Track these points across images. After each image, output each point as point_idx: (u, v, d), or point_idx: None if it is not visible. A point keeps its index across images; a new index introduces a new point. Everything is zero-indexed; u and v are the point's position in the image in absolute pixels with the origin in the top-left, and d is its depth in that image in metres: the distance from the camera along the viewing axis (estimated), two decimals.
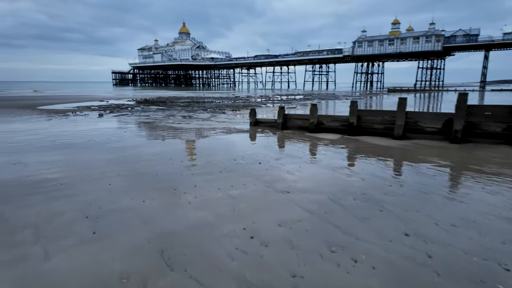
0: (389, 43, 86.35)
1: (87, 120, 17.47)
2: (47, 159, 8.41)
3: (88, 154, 9.04)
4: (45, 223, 4.54)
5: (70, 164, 7.86)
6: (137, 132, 13.22)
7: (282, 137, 11.99)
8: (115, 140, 11.09)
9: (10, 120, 17.51)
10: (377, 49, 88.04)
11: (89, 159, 8.49)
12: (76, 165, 7.73)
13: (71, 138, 11.53)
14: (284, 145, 10.66)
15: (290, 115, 13.46)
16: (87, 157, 8.67)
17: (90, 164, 7.92)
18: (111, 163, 7.98)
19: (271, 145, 10.51)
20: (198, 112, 22.56)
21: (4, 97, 42.18)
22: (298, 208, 5.00)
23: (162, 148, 9.87)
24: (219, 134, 12.81)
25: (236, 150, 9.66)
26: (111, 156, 8.78)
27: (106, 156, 8.83)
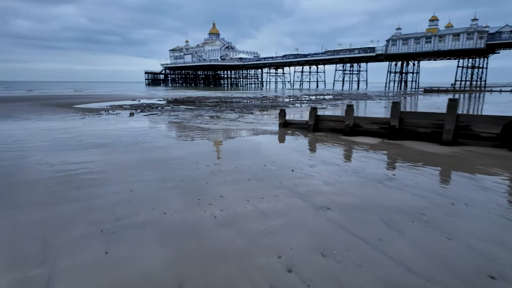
0: (426, 41, 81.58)
1: (118, 119, 17.58)
2: (72, 159, 8.20)
3: (113, 156, 8.76)
4: (54, 235, 4.08)
5: (94, 166, 7.55)
6: (165, 132, 12.91)
7: (315, 140, 11.12)
8: (142, 141, 10.82)
9: (48, 118, 18.07)
10: (413, 48, 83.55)
11: (114, 160, 8.18)
12: (99, 168, 7.39)
13: (99, 138, 11.41)
14: (317, 150, 9.81)
15: (323, 116, 12.53)
16: (112, 159, 8.36)
17: (114, 166, 7.58)
18: (135, 166, 7.64)
19: (303, 149, 9.70)
20: (225, 112, 22.15)
21: (47, 96, 44.60)
22: (343, 232, 4.16)
23: (188, 150, 9.44)
24: (246, 135, 12.19)
25: (266, 154, 8.96)
26: (137, 158, 8.46)
27: (132, 157, 8.52)
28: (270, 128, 13.87)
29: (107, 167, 7.52)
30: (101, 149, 9.47)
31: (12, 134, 12.18)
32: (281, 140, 11.36)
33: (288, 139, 11.51)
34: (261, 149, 9.63)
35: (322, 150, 9.62)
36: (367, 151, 9.38)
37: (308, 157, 8.63)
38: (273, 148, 9.95)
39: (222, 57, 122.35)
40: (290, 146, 10.18)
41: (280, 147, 10.11)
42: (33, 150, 9.41)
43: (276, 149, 9.81)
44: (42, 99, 38.25)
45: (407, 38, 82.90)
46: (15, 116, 19.08)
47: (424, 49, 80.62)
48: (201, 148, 9.75)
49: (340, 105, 29.00)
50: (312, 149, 9.81)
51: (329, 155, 8.93)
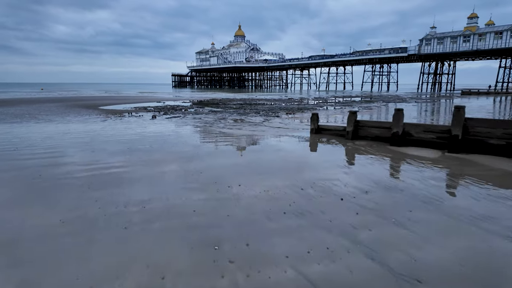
0: (464, 40, 76.43)
1: (139, 122, 16.85)
2: (72, 168, 7.25)
3: (115, 169, 7.44)
4: None
5: (90, 181, 6.47)
6: (183, 139, 11.58)
7: (357, 151, 9.48)
8: (156, 149, 9.61)
9: (70, 120, 17.71)
10: (449, 47, 78.59)
11: (112, 180, 6.73)
12: (97, 185, 6.30)
13: (112, 144, 10.42)
14: (365, 165, 7.99)
15: (364, 122, 10.80)
16: (110, 179, 6.80)
17: (112, 190, 6.19)
18: (137, 189, 5.99)
19: (346, 164, 8.07)
20: (250, 115, 20.89)
21: (76, 98, 45.73)
22: None
23: (207, 163, 8.00)
24: (274, 143, 10.75)
25: (301, 170, 7.40)
26: (142, 175, 6.88)
27: (136, 175, 6.91)
28: (301, 135, 12.33)
29: (102, 185, 6.39)
30: (106, 159, 8.29)
31: (26, 138, 11.54)
32: (316, 150, 9.86)
33: (325, 149, 9.94)
34: (294, 163, 8.06)
35: (372, 166, 7.86)
36: (432, 169, 7.44)
37: (357, 176, 6.94)
38: (309, 161, 8.38)
39: (247, 59, 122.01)
40: (330, 160, 8.53)
41: (318, 161, 8.49)
42: (32, 159, 8.39)
43: (313, 163, 8.21)
44: (71, 100, 39.08)
45: (443, 37, 78.08)
46: (38, 117, 18.92)
47: (461, 49, 75.52)
48: (222, 161, 8.21)
49: (373, 108, 26.84)
50: (358, 164, 8.09)
51: (383, 174, 7.21)
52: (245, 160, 8.52)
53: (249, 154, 9.28)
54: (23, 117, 18.96)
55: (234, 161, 8.34)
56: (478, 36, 72.95)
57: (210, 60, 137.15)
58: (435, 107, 28.73)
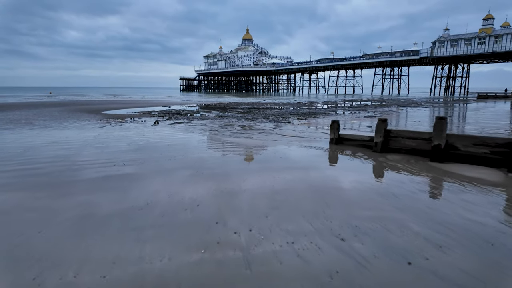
0: (479, 42, 74.07)
1: (139, 129, 15.60)
2: (27, 200, 5.86)
3: (84, 196, 5.84)
4: None
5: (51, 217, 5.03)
6: (183, 152, 9.84)
7: (395, 169, 7.73)
8: (147, 167, 7.68)
9: (66, 126, 16.57)
10: (463, 49, 76.25)
11: (87, 201, 5.51)
12: (55, 232, 4.89)
13: (97, 158, 8.82)
14: (418, 193, 6.05)
15: (396, 132, 9.12)
16: (84, 200, 5.62)
17: (84, 218, 4.94)
18: (113, 225, 4.56)
19: (391, 191, 6.10)
20: (259, 121, 19.46)
21: (82, 102, 45.10)
22: None
23: (207, 189, 6.17)
24: (290, 158, 9.03)
25: (331, 201, 5.54)
26: (118, 209, 5.19)
27: (110, 206, 5.31)
28: (319, 145, 10.73)
29: (76, 212, 5.00)
30: (75, 188, 6.43)
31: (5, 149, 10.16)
32: (342, 167, 8.06)
33: (352, 166, 8.19)
34: (319, 188, 6.22)
35: (426, 196, 5.92)
36: (507, 201, 5.67)
37: (414, 213, 4.97)
38: (338, 186, 6.45)
39: (254, 63, 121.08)
40: (365, 182, 6.70)
41: (349, 185, 6.52)
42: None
43: (344, 189, 6.26)
44: (76, 104, 38.34)
45: (457, 40, 75.82)
46: (34, 123, 17.85)
47: (476, 51, 73.14)
48: (227, 186, 6.34)
49: (391, 113, 25.11)
50: (406, 191, 6.14)
51: (449, 209, 5.17)
52: (256, 184, 6.49)
53: (260, 176, 7.16)
54: (18, 123, 17.90)
55: (242, 186, 6.40)
56: (494, 38, 70.68)
57: (218, 64, 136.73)
58: (459, 112, 26.83)
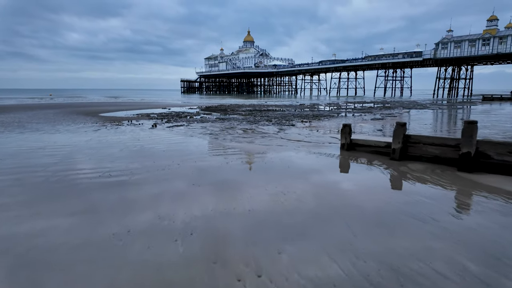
0: (483, 43, 73.28)
1: (135, 132, 14.76)
2: None
3: (47, 220, 4.80)
4: None
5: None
6: (179, 160, 8.74)
7: (421, 181, 6.76)
8: (132, 186, 6.43)
9: (59, 129, 15.75)
10: (467, 51, 75.47)
11: (46, 229, 4.52)
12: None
13: (83, 167, 8.04)
14: (457, 213, 5.10)
15: (417, 137, 8.15)
16: (44, 227, 4.58)
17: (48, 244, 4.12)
18: (75, 268, 3.52)
19: (426, 210, 5.11)
20: (261, 124, 18.60)
21: (80, 103, 44.39)
22: None
23: (203, 209, 5.12)
24: (298, 167, 8.03)
25: (357, 229, 4.46)
26: (93, 237, 4.25)
27: (82, 231, 4.40)
28: (328, 152, 9.80)
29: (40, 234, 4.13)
30: (53, 204, 5.47)
31: None
32: (361, 180, 6.93)
33: (372, 178, 7.11)
34: (340, 210, 5.12)
35: (468, 218, 4.97)
36: None
37: (464, 243, 4.04)
38: (362, 205, 5.31)
39: (256, 64, 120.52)
40: (392, 200, 5.62)
41: (375, 204, 5.40)
42: None
43: (370, 209, 5.16)
44: (74, 106, 37.61)
45: (460, 41, 75.03)
46: (26, 126, 17.04)
47: (480, 53, 72.28)
48: (228, 204, 5.31)
49: (398, 116, 24.22)
50: (444, 211, 5.09)
51: (502, 234, 4.32)
52: (262, 203, 5.42)
53: (267, 190, 6.09)
54: (9, 126, 17.10)
55: (245, 205, 5.33)
56: (499, 39, 69.89)
57: (219, 66, 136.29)
58: (469, 115, 25.91)
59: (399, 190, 6.49)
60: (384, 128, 16.38)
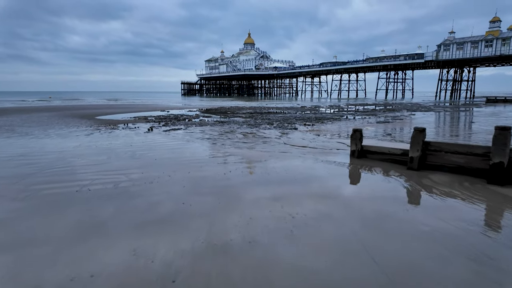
0: (486, 45, 72.61)
1: (129, 137, 13.93)
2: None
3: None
4: None
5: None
6: (170, 170, 7.74)
7: (449, 196, 5.84)
8: (112, 205, 5.47)
9: (50, 134, 14.91)
10: (469, 52, 74.80)
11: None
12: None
13: (61, 180, 7.04)
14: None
15: (437, 145, 7.23)
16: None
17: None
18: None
19: (472, 241, 4.14)
20: (262, 127, 17.76)
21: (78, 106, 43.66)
22: None
23: (192, 241, 4.14)
24: (307, 179, 7.08)
25: (387, 263, 3.61)
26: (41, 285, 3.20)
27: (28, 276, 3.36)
28: (338, 160, 8.82)
29: None
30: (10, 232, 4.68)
31: None
32: (381, 196, 5.92)
33: (393, 192, 6.14)
34: (365, 240, 4.16)
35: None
36: None
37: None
38: (390, 233, 4.39)
39: (256, 67, 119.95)
40: (424, 226, 4.58)
41: (405, 231, 4.47)
42: None
43: (399, 238, 4.26)
44: (71, 109, 36.86)
45: (463, 42, 74.37)
46: (16, 130, 16.21)
47: (483, 54, 71.58)
48: (223, 235, 4.31)
49: (403, 118, 23.34)
50: (498, 243, 4.13)
51: None
52: (266, 230, 4.45)
53: (271, 212, 5.08)
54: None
55: (245, 234, 4.32)
56: (502, 40, 69.22)
57: (220, 68, 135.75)
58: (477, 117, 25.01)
59: (427, 209, 5.36)
60: (394, 132, 15.45)
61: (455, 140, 12.05)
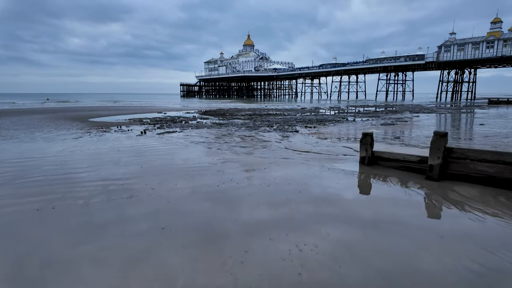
0: (488, 46, 72.07)
1: (119, 141, 13.04)
2: None
3: None
4: None
5: None
6: (154, 183, 6.69)
7: (490, 215, 4.82)
8: (71, 232, 4.29)
9: (35, 138, 13.98)
10: (471, 54, 74.20)
11: None
12: None
13: (26, 194, 6.08)
14: None
15: (461, 151, 6.26)
16: None
17: None
18: None
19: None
20: (262, 130, 16.88)
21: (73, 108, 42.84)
22: None
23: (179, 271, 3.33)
24: (314, 193, 6.06)
25: None
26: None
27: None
28: (346, 168, 7.82)
29: None
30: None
31: None
32: (404, 217, 4.81)
33: (416, 209, 5.19)
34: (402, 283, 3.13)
35: None
36: None
37: None
38: (430, 274, 3.29)
39: (256, 68, 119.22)
40: (469, 260, 3.56)
41: (447, 268, 3.42)
42: None
43: (444, 281, 3.17)
44: (65, 111, 36.00)
45: (464, 44, 73.77)
46: (0, 134, 15.31)
47: (484, 55, 70.97)
48: (206, 279, 3.23)
49: (408, 120, 22.45)
50: None
51: None
52: (268, 276, 3.31)
53: (273, 245, 4.00)
54: None
55: (237, 284, 3.19)
56: (503, 41, 68.67)
57: (219, 70, 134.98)
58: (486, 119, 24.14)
59: (473, 241, 4.07)
60: (402, 135, 14.48)
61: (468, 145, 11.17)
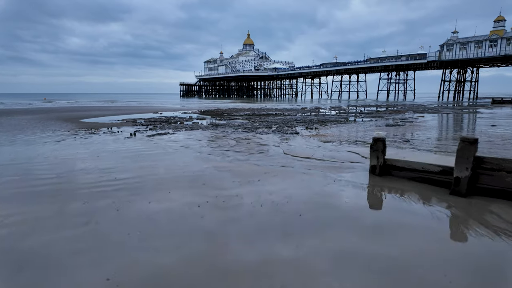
0: (491, 45, 71.04)
1: (104, 143, 12.03)
2: None
3: None
4: None
5: None
6: (127, 198, 5.67)
7: None
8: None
9: (14, 140, 12.98)
10: (473, 52, 73.22)
11: None
12: None
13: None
14: None
15: (495, 162, 5.12)
16: None
17: None
18: None
19: None
20: (259, 132, 15.84)
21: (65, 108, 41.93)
22: None
23: None
24: (317, 217, 4.85)
25: None
26: None
27: None
28: (354, 179, 6.64)
29: None
30: None
31: None
32: (433, 251, 3.68)
33: (448, 242, 4.04)
34: None
35: None
36: None
37: None
38: None
39: (256, 68, 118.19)
40: None
41: None
42: None
43: None
44: (58, 111, 35.00)
45: (466, 42, 72.70)
46: None
47: (487, 54, 69.93)
48: None
49: (413, 121, 21.35)
50: None
51: None
52: None
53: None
54: None
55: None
56: (507, 40, 67.62)
57: (219, 69, 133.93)
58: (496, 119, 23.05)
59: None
60: (412, 138, 13.15)
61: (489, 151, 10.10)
